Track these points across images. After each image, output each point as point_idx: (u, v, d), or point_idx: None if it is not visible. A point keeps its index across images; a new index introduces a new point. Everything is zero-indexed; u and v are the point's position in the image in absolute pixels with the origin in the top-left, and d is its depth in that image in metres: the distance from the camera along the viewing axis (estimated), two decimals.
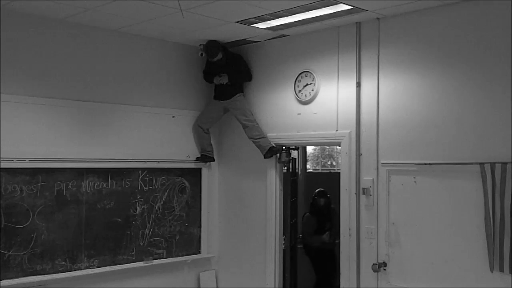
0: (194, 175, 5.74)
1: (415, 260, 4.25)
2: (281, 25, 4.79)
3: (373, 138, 4.55)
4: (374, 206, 4.51)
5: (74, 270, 4.80)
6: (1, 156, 4.36)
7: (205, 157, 5.72)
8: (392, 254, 4.39)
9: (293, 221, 6.03)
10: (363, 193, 4.57)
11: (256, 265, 5.49)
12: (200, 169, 5.78)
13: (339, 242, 4.88)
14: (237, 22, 4.71)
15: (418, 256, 4.23)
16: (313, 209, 6.69)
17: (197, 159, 5.71)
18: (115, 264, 5.08)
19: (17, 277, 4.46)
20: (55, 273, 4.67)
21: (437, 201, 4.14)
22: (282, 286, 5.42)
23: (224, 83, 5.45)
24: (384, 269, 4.42)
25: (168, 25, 4.85)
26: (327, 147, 11.07)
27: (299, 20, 4.63)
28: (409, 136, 4.32)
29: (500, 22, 3.81)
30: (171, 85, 5.56)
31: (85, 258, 4.89)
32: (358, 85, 4.66)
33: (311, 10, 4.34)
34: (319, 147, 10.57)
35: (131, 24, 4.87)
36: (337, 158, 10.79)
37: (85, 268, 4.87)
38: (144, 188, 5.32)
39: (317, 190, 6.75)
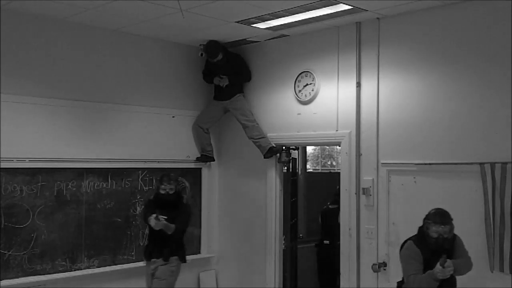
0: (194, 175, 5.74)
1: None
2: (281, 25, 4.79)
3: (373, 138, 4.54)
4: (374, 206, 4.51)
5: (74, 270, 4.80)
6: (1, 156, 4.36)
7: (205, 157, 5.72)
8: (392, 254, 4.38)
9: (293, 221, 6.02)
10: (363, 193, 4.57)
11: (256, 265, 5.49)
12: (200, 169, 5.78)
13: None
14: (237, 22, 4.71)
15: None
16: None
17: (197, 159, 5.71)
18: (115, 264, 5.09)
19: (17, 277, 4.47)
20: (55, 273, 4.68)
21: (437, 201, 4.11)
22: (282, 286, 5.42)
23: (224, 86, 5.45)
24: (384, 269, 4.42)
25: (168, 25, 4.85)
26: (327, 147, 11.08)
27: (299, 20, 4.63)
28: (409, 136, 4.32)
29: (500, 22, 3.81)
30: (171, 85, 5.56)
31: (85, 258, 4.89)
32: (358, 85, 4.65)
33: (311, 10, 4.34)
34: (319, 147, 10.59)
35: (131, 24, 4.87)
36: (337, 158, 10.80)
37: (85, 268, 4.88)
38: (144, 188, 5.32)
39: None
